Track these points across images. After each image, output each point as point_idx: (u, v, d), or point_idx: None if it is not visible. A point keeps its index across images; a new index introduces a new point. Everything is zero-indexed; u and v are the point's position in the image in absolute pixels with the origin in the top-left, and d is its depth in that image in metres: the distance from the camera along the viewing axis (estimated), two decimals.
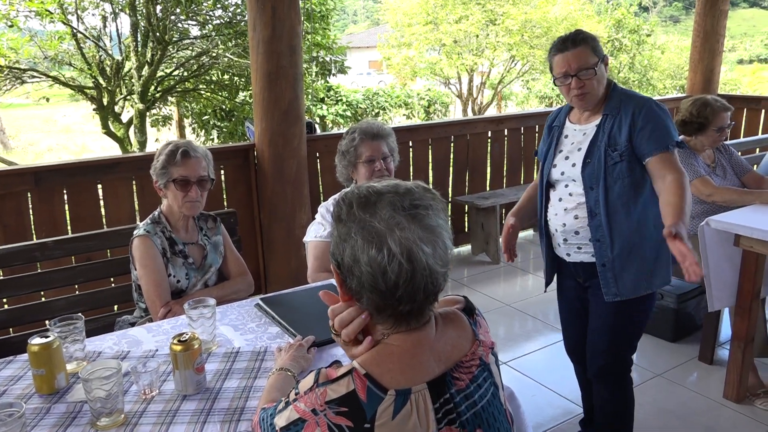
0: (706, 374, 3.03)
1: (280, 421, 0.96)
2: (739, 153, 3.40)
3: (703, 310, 3.13)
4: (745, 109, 5.81)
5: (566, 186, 2.08)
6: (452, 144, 4.90)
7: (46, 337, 1.51)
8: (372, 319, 1.02)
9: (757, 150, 4.83)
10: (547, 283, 2.34)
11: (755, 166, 3.80)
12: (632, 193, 1.97)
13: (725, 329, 3.26)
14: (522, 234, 5.34)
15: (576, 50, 1.97)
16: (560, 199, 2.10)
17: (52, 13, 9.56)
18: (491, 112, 19.09)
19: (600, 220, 1.99)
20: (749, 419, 2.66)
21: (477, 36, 16.92)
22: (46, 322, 1.66)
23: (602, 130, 2.00)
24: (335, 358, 1.59)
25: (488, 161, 5.10)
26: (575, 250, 2.11)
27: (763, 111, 5.70)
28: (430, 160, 4.80)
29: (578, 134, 2.07)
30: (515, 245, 2.22)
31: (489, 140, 5.06)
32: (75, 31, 10.12)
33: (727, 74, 24.99)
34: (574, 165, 2.04)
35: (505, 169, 5.20)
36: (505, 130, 5.14)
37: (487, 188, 5.14)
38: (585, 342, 2.24)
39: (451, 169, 4.94)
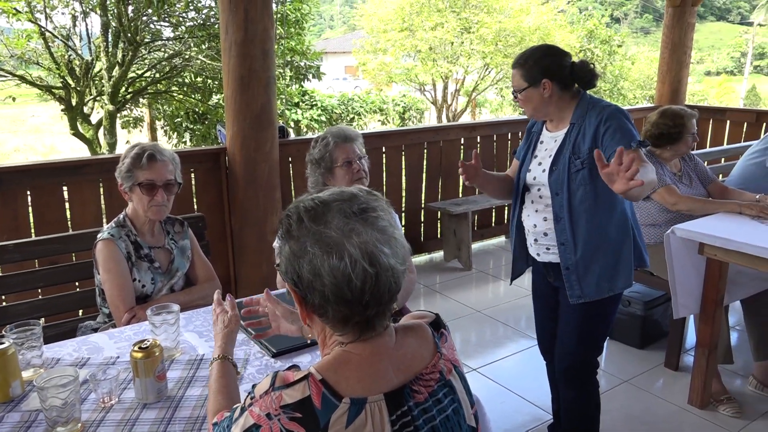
0: (672, 380, 3.07)
1: (236, 430, 0.94)
2: (705, 163, 3.47)
3: (669, 317, 3.18)
4: (711, 120, 5.93)
5: (538, 189, 2.15)
6: (425, 150, 4.90)
7: (1, 343, 1.46)
8: (332, 331, 1.00)
9: (723, 160, 4.94)
10: (513, 278, 2.39)
11: (720, 175, 3.88)
12: (594, 199, 2.02)
13: (690, 336, 3.32)
14: (493, 241, 5.39)
15: (512, 72, 2.12)
16: (532, 202, 2.18)
17: (19, 12, 9.35)
18: (465, 118, 19.22)
19: (564, 224, 2.06)
20: (713, 425, 2.70)
21: (452, 43, 17.06)
22: (6, 327, 1.62)
23: (568, 139, 2.06)
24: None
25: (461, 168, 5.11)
26: (544, 250, 2.18)
27: (728, 122, 5.83)
28: (404, 167, 4.80)
29: (551, 141, 2.14)
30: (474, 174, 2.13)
31: (462, 147, 5.09)
32: (43, 30, 9.91)
33: (695, 86, 25.61)
34: (544, 171, 2.11)
35: None
36: (478, 137, 5.17)
37: (460, 195, 5.16)
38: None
39: (424, 175, 4.95)
